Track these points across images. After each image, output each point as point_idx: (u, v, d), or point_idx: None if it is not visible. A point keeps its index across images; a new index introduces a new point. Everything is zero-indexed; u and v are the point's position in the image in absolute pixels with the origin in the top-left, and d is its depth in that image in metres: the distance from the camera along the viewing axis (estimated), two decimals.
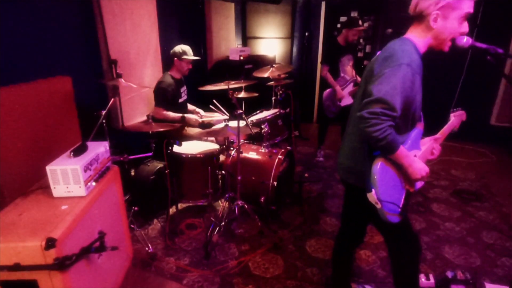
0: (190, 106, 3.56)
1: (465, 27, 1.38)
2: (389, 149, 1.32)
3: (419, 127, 1.53)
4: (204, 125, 3.25)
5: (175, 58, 3.16)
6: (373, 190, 1.34)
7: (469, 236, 2.66)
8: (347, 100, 3.82)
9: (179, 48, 3.13)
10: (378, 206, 1.35)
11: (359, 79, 3.82)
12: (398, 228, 1.47)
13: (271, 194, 2.71)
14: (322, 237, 2.64)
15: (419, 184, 1.50)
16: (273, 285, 2.15)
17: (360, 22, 3.68)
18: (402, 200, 1.46)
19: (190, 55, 3.15)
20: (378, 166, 1.36)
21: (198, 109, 3.52)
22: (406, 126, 1.45)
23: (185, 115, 3.13)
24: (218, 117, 3.29)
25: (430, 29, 1.37)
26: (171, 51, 3.17)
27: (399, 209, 1.41)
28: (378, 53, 1.47)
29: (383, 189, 1.35)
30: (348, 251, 1.87)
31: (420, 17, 1.38)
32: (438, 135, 1.62)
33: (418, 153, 1.52)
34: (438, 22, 1.35)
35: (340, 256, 1.89)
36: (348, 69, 3.85)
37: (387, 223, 1.40)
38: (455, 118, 1.67)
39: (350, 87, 3.83)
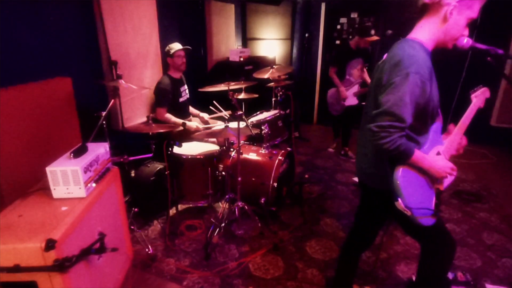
0: (194, 111, 3.56)
1: (467, 31, 1.38)
2: (403, 157, 1.32)
3: (438, 121, 1.50)
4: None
5: (168, 58, 3.25)
6: (399, 199, 1.32)
7: (469, 237, 2.66)
8: (351, 101, 3.99)
9: (166, 48, 3.23)
10: (408, 213, 1.33)
11: (368, 80, 3.93)
12: (433, 229, 1.44)
13: (271, 195, 2.70)
14: (323, 238, 2.64)
15: (447, 181, 1.46)
16: (273, 286, 2.15)
17: (372, 32, 3.73)
18: (433, 201, 1.43)
19: (177, 47, 3.20)
20: (400, 173, 1.34)
21: (202, 114, 3.51)
22: (425, 126, 1.44)
23: (187, 122, 3.12)
24: (219, 125, 3.28)
25: (445, 21, 1.34)
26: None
27: (432, 211, 1.39)
28: (385, 56, 1.45)
29: (409, 196, 1.34)
30: (357, 253, 1.86)
31: (437, 6, 1.34)
32: (458, 125, 1.54)
33: (442, 148, 1.49)
34: (453, 15, 1.33)
35: (347, 257, 1.87)
36: (354, 72, 3.96)
37: (420, 227, 1.38)
38: (477, 99, 1.58)
39: (355, 89, 3.98)
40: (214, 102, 3.33)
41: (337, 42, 5.34)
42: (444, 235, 1.56)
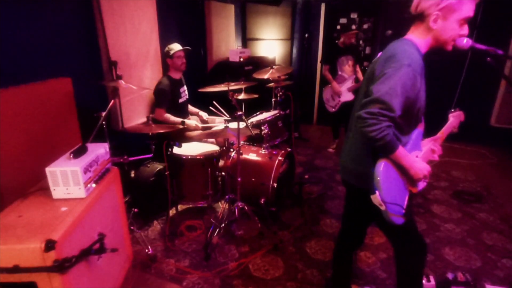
0: (193, 109, 3.56)
1: (465, 29, 1.38)
2: (388, 149, 1.32)
3: (420, 128, 1.53)
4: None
5: (167, 58, 3.24)
6: (377, 192, 1.34)
7: (469, 237, 2.66)
8: (346, 96, 4.14)
9: (166, 48, 3.23)
10: (383, 208, 1.35)
11: (360, 75, 4.15)
12: (403, 229, 1.47)
13: (271, 196, 2.70)
14: (322, 238, 2.64)
15: (421, 185, 1.50)
16: (273, 286, 2.15)
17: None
18: (406, 201, 1.45)
19: (177, 48, 3.19)
20: (382, 167, 1.35)
21: (201, 112, 3.51)
22: (409, 126, 1.46)
23: (185, 120, 3.14)
24: (218, 124, 3.29)
25: (430, 30, 1.38)
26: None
27: (403, 210, 1.41)
28: (379, 54, 1.47)
29: (387, 191, 1.35)
30: (348, 252, 1.87)
31: (421, 17, 1.39)
32: (437, 135, 1.63)
33: (420, 153, 1.52)
34: (438, 23, 1.35)
35: (340, 257, 1.88)
36: (346, 68, 4.17)
37: (392, 225, 1.40)
38: (454, 119, 1.68)
39: (348, 84, 4.14)
40: (214, 102, 3.33)
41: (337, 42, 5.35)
42: (414, 238, 1.58)
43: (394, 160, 1.37)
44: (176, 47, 3.20)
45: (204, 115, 3.49)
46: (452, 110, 1.70)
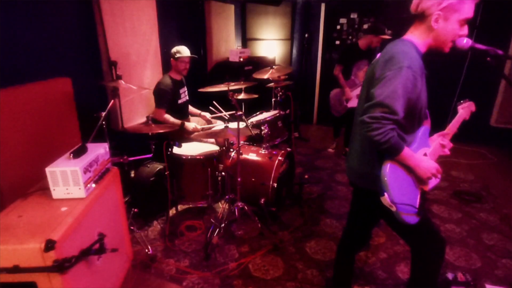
0: (195, 110, 3.55)
1: (465, 30, 1.38)
2: (393, 151, 1.32)
3: (426, 124, 1.52)
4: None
5: (171, 59, 3.20)
6: (385, 193, 1.33)
7: (469, 237, 2.66)
8: (354, 102, 3.94)
9: (174, 48, 3.17)
10: (393, 209, 1.34)
11: None
12: (418, 228, 1.45)
13: (271, 196, 2.70)
14: (322, 238, 2.64)
15: (432, 183, 1.48)
16: (273, 286, 2.14)
17: (386, 31, 3.72)
18: (418, 199, 1.44)
19: (184, 53, 3.15)
20: (387, 168, 1.35)
21: (203, 113, 3.50)
22: (413, 125, 1.45)
23: (185, 122, 3.13)
24: (217, 125, 3.28)
25: (431, 30, 1.37)
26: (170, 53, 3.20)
27: (416, 209, 1.40)
28: (378, 55, 1.47)
29: (396, 191, 1.34)
30: (352, 254, 1.86)
31: (421, 17, 1.38)
32: (446, 130, 1.61)
33: (428, 150, 1.51)
34: (439, 23, 1.35)
35: (343, 258, 1.87)
36: (360, 74, 3.94)
37: (406, 225, 1.39)
38: (464, 110, 1.65)
39: (358, 90, 3.94)
40: (214, 102, 3.33)
41: (337, 42, 5.35)
42: (431, 235, 1.56)
43: (399, 161, 1.37)
44: (184, 52, 3.14)
45: (207, 115, 3.47)
46: (461, 101, 1.67)
